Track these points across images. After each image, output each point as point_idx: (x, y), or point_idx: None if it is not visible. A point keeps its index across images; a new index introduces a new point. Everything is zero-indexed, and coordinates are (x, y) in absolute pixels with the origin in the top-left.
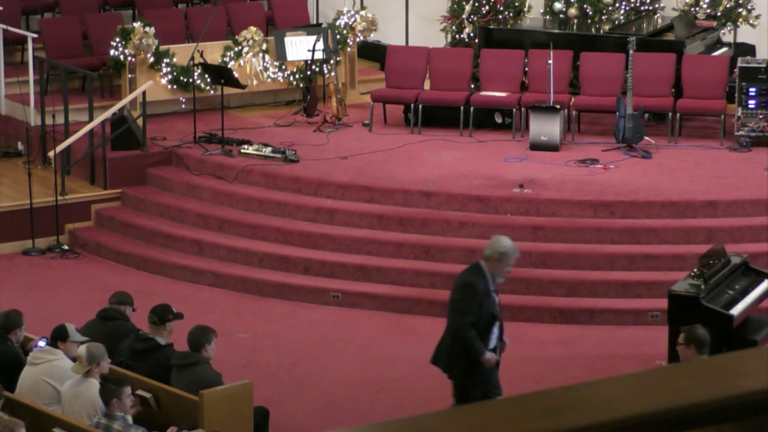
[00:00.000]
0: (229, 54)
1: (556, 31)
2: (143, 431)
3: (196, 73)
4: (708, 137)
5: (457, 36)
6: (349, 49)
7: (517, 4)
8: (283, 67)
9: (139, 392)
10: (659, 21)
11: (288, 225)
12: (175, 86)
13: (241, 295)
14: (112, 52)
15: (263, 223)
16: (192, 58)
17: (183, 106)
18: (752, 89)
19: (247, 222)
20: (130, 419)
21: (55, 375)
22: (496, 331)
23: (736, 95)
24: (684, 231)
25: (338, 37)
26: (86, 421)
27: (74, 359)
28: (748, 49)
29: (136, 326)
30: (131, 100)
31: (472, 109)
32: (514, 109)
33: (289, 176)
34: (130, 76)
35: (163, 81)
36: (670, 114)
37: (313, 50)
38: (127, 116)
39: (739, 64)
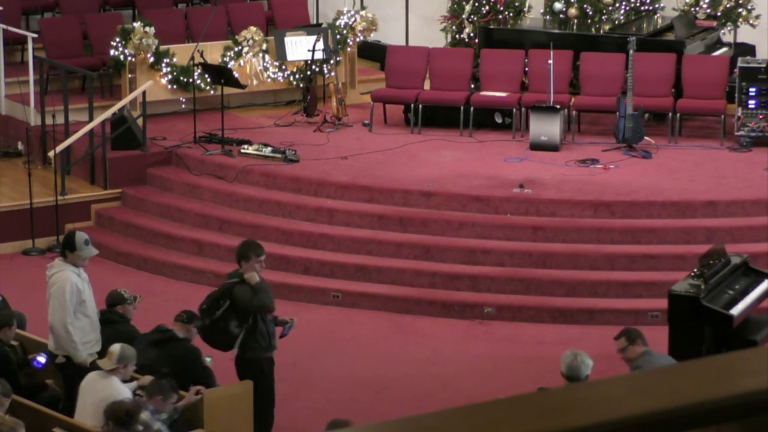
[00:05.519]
0: (229, 54)
1: (556, 31)
2: None
3: (196, 73)
4: (708, 137)
5: (457, 36)
6: (349, 49)
7: (517, 4)
8: (283, 67)
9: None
10: (659, 21)
11: (288, 225)
12: (175, 86)
13: None
14: (112, 52)
15: (263, 223)
16: (192, 58)
17: (183, 106)
18: (752, 89)
19: (247, 222)
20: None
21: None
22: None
23: (736, 95)
24: (684, 231)
25: (338, 37)
26: (92, 419)
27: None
28: (748, 49)
29: (137, 329)
30: (131, 100)
31: (472, 109)
32: (514, 109)
33: (289, 176)
34: (130, 76)
35: (163, 81)
36: (670, 114)
37: (313, 50)
38: (127, 116)
39: (739, 64)
